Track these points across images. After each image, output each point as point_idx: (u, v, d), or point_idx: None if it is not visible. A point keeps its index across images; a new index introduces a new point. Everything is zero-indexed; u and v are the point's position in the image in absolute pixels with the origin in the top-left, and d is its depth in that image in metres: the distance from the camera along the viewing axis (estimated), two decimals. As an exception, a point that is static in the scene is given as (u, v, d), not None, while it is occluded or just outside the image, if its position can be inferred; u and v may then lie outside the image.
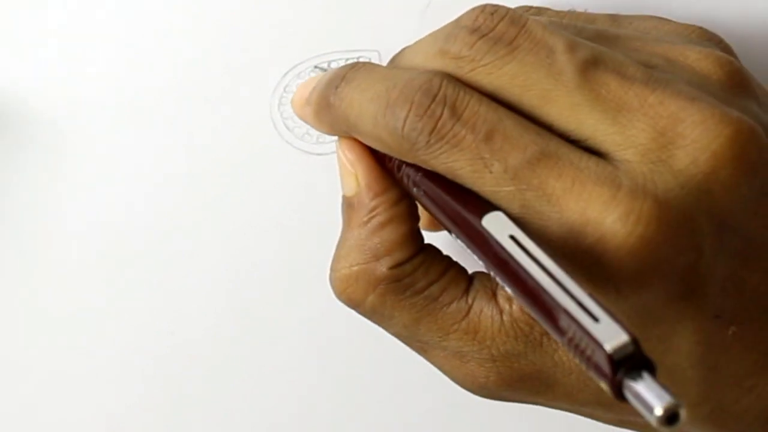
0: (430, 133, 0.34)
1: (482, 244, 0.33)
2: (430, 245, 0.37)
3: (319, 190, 0.46)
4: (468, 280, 0.36)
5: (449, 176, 0.34)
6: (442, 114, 0.34)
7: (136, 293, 0.46)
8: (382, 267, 0.36)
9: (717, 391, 0.35)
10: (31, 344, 0.46)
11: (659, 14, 0.40)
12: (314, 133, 0.46)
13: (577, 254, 0.32)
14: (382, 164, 0.37)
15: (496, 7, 0.35)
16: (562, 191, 0.32)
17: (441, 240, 0.38)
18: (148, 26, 0.45)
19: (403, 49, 0.38)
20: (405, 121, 0.34)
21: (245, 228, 0.46)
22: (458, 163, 0.33)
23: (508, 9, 0.35)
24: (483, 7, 0.36)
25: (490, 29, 0.35)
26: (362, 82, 0.36)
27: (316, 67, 0.44)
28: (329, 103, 0.37)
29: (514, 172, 0.33)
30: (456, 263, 0.37)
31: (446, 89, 0.34)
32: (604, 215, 0.32)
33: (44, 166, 0.46)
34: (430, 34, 0.37)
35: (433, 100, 0.34)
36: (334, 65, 0.46)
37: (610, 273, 0.32)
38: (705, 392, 0.35)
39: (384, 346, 0.46)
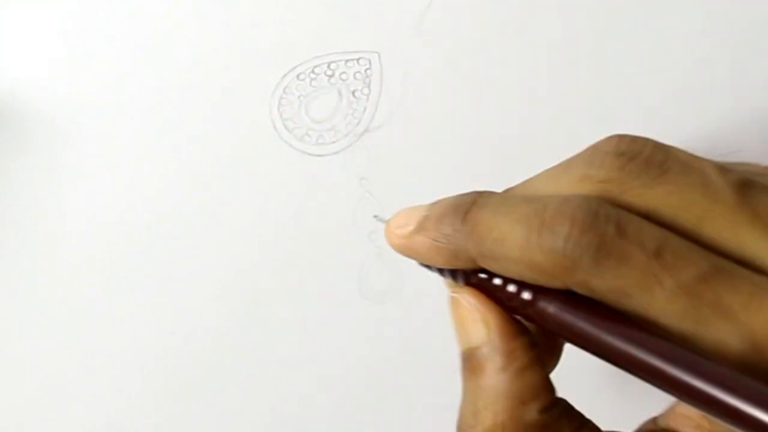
0: (597, 250, 0.32)
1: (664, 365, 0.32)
2: (561, 397, 0.36)
3: (317, 191, 0.46)
4: None
5: (613, 296, 0.33)
6: (606, 230, 0.32)
7: (135, 293, 0.46)
8: (532, 412, 0.34)
9: None
10: (31, 343, 0.46)
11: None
12: (313, 134, 0.46)
13: (761, 368, 0.31)
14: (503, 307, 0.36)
15: (635, 135, 0.35)
16: (740, 306, 0.32)
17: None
18: (149, 27, 0.45)
19: (527, 181, 0.37)
20: (568, 239, 0.32)
21: (243, 226, 0.46)
22: (627, 280, 0.32)
23: (647, 138, 0.35)
24: (621, 136, 0.35)
25: (637, 153, 0.34)
26: (501, 206, 0.34)
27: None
28: (455, 230, 0.35)
29: (688, 288, 0.32)
30: (589, 420, 0.36)
31: (606, 208, 0.33)
32: None
33: (44, 166, 0.45)
34: (560, 164, 0.36)
35: (596, 217, 0.32)
36: (333, 66, 0.46)
37: None
38: None
39: (383, 347, 0.47)
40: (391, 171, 0.46)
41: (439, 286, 0.35)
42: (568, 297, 0.33)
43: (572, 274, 0.32)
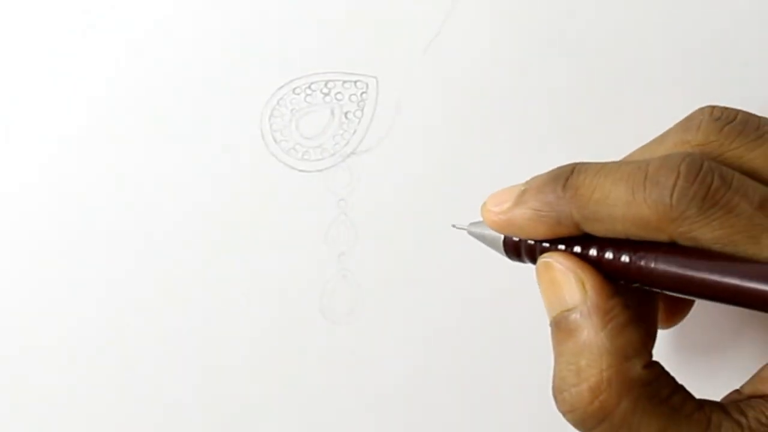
0: (703, 199, 0.33)
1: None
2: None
3: (294, 205, 0.46)
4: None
5: (718, 245, 0.33)
6: (712, 181, 0.33)
7: (116, 296, 0.46)
8: (636, 367, 0.35)
9: None
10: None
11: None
12: (300, 149, 0.46)
13: None
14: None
15: (726, 106, 0.36)
16: None
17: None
18: (150, 33, 0.46)
19: (620, 160, 0.38)
20: (674, 189, 0.33)
21: (213, 229, 0.46)
22: (733, 229, 0.33)
23: (737, 108, 0.36)
24: (713, 105, 0.36)
25: (732, 118, 0.36)
26: (601, 168, 0.35)
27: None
28: (557, 196, 0.36)
29: None
30: (681, 384, 0.36)
31: (709, 161, 0.34)
32: None
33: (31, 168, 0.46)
34: (653, 139, 0.37)
35: (700, 168, 0.33)
36: (330, 85, 0.46)
37: None
38: None
39: (333, 367, 0.46)
40: (370, 196, 0.46)
41: (398, 310, 0.35)
42: (669, 249, 0.34)
43: (679, 225, 0.33)
